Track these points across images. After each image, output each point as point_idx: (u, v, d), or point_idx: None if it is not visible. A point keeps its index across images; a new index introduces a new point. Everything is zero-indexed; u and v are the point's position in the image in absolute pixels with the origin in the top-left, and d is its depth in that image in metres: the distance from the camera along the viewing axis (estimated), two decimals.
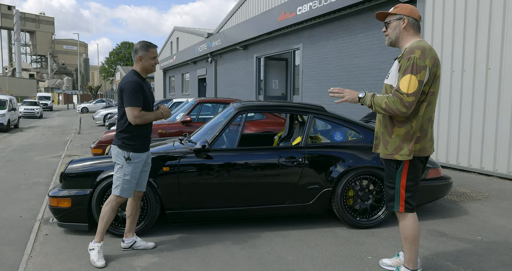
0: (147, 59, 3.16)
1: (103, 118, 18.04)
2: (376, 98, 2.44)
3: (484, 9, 6.16)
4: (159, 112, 3.22)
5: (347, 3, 8.80)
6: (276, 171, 3.82)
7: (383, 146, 2.59)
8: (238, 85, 16.29)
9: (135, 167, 3.13)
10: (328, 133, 4.11)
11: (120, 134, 3.14)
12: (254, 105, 4.09)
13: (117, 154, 3.15)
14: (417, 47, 2.37)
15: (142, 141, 3.17)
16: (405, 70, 2.34)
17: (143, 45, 3.16)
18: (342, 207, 3.87)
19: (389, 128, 2.53)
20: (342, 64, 9.77)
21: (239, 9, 16.27)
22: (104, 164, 3.75)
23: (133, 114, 3.03)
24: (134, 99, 3.02)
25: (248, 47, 15.06)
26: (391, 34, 2.55)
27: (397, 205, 2.59)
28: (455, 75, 6.68)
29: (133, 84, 3.05)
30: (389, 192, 2.64)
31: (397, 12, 2.50)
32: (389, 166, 2.61)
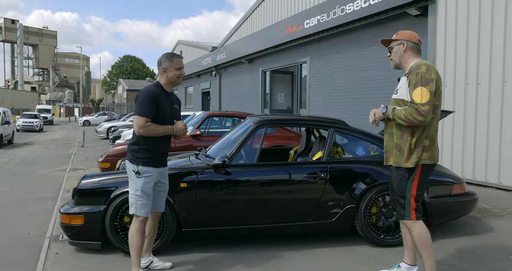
0: (172, 70, 3.01)
1: (106, 131, 17.93)
2: (396, 111, 2.67)
3: (499, 21, 6.10)
4: (169, 127, 2.98)
5: (356, 16, 8.78)
6: (297, 187, 3.68)
7: (398, 155, 2.73)
8: (243, 98, 16.23)
9: (146, 182, 2.93)
10: (349, 148, 3.98)
11: (130, 147, 3.01)
12: (274, 119, 3.97)
13: (129, 169, 3.00)
14: (422, 64, 2.66)
15: (153, 155, 2.97)
16: (415, 84, 2.58)
17: (167, 56, 3.04)
18: (365, 225, 3.71)
19: (404, 138, 2.70)
20: (351, 78, 9.70)
21: (244, 23, 16.33)
22: (118, 180, 3.60)
23: (137, 124, 2.86)
24: (143, 109, 2.86)
25: (254, 61, 15.05)
26: (394, 58, 2.84)
27: (408, 213, 2.73)
28: (469, 88, 6.58)
29: (147, 94, 2.91)
30: (400, 201, 2.78)
31: (398, 38, 2.82)
32: (401, 175, 2.74)
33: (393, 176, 2.82)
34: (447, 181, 3.95)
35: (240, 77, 16.47)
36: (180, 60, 3.08)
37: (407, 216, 2.73)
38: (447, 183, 3.94)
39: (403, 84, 2.71)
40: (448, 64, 6.91)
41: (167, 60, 3.01)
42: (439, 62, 7.06)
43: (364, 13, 8.51)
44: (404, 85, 2.70)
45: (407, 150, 2.67)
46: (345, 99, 9.98)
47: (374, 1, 8.13)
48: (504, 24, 6.04)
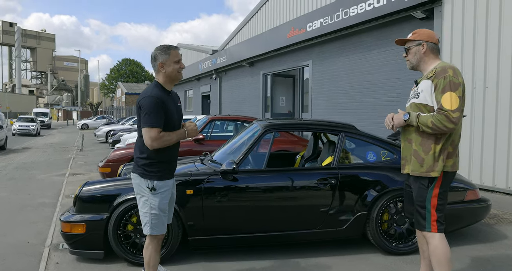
0: (170, 65, 2.64)
1: (105, 135, 17.77)
2: (421, 118, 2.50)
3: (507, 24, 6.01)
4: (181, 132, 2.69)
5: (360, 19, 8.70)
6: (307, 194, 3.56)
7: (418, 164, 2.57)
8: (243, 102, 16.13)
9: (163, 197, 2.67)
10: (360, 153, 3.87)
11: (139, 161, 2.68)
12: (282, 123, 3.85)
13: (139, 184, 2.68)
14: (447, 66, 2.50)
15: (167, 166, 2.71)
16: (444, 89, 2.43)
17: (162, 49, 2.66)
18: (377, 232, 3.59)
19: (426, 146, 2.53)
20: (355, 81, 9.61)
21: (245, 26, 16.26)
22: (122, 186, 3.48)
23: (150, 137, 2.54)
24: (153, 119, 2.54)
25: (255, 64, 14.95)
26: (412, 60, 2.68)
27: (428, 224, 2.56)
28: (476, 92, 6.49)
29: (152, 100, 2.56)
30: (420, 211, 2.61)
31: (415, 38, 2.63)
32: (420, 184, 2.59)
33: (411, 184, 2.66)
34: (460, 187, 3.84)
35: (241, 80, 16.38)
36: (178, 52, 2.71)
37: (427, 227, 2.55)
38: (459, 189, 3.82)
39: (425, 88, 2.52)
40: None
41: (163, 54, 2.64)
42: None
43: (368, 16, 8.42)
44: (427, 89, 2.51)
45: (431, 158, 2.50)
46: (348, 103, 9.88)
47: (378, 4, 8.05)
48: (510, 27, 5.95)
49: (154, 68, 2.73)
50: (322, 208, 3.55)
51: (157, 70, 2.70)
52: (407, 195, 2.81)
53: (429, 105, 2.52)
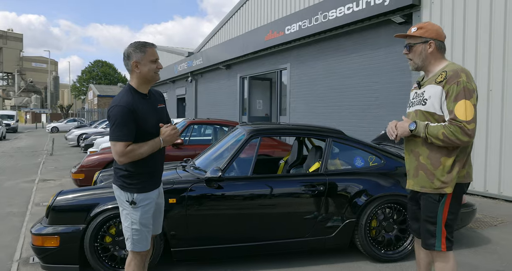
0: (146, 64, 2.33)
1: (77, 138, 17.15)
2: (431, 129, 2.20)
3: (484, 30, 6.13)
4: (155, 142, 2.36)
5: (338, 23, 8.71)
6: (295, 201, 3.44)
7: (428, 180, 2.29)
8: (220, 105, 15.94)
9: (144, 211, 2.43)
10: (348, 159, 3.79)
11: (118, 171, 2.42)
12: (269, 128, 3.73)
13: (119, 197, 2.46)
14: (460, 70, 2.20)
15: (148, 177, 2.44)
16: (457, 96, 2.15)
17: (137, 46, 2.34)
18: (366, 240, 3.52)
19: (435, 160, 2.26)
20: (332, 85, 9.62)
21: (222, 28, 16.10)
22: (99, 195, 3.27)
23: (116, 152, 2.25)
24: (119, 131, 2.25)
25: (231, 67, 14.81)
26: (416, 60, 2.34)
27: (439, 243, 2.27)
28: None
29: (118, 110, 2.25)
30: (428, 228, 2.30)
31: (422, 35, 2.29)
32: (429, 197, 2.31)
33: (421, 199, 2.37)
34: None
35: (217, 83, 16.19)
36: (155, 50, 2.40)
37: (437, 246, 2.25)
38: None
39: (434, 94, 2.22)
40: None
41: (139, 51, 2.33)
42: None
43: (347, 20, 8.44)
44: (436, 96, 2.21)
45: (442, 173, 2.23)
46: (326, 106, 9.88)
47: (358, 8, 8.08)
48: (489, 33, 6.06)
49: (127, 67, 2.41)
50: (311, 216, 3.45)
51: (130, 70, 2.39)
52: (411, 211, 2.54)
53: (438, 114, 2.22)
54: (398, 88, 7.75)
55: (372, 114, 8.44)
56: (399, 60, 7.68)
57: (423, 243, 2.37)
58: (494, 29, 6.00)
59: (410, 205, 2.57)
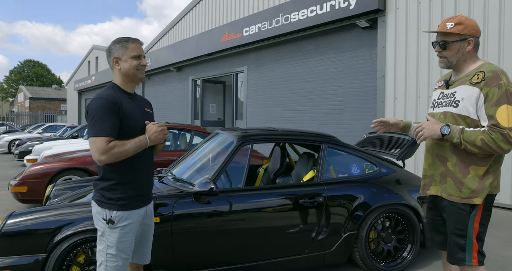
0: (127, 60, 2.09)
1: (7, 145, 15.47)
2: (467, 134, 1.99)
3: None
4: (140, 139, 2.05)
5: (301, 26, 8.56)
6: (294, 214, 3.10)
7: (456, 188, 2.10)
8: (170, 109, 15.23)
9: (123, 234, 2.04)
10: (344, 166, 3.52)
11: (97, 184, 2.10)
12: (260, 134, 3.35)
13: (95, 215, 2.09)
14: (499, 71, 2.02)
15: (133, 191, 2.08)
16: (499, 101, 1.95)
17: (119, 41, 2.12)
18: (366, 252, 3.27)
19: (463, 167, 2.08)
20: (293, 89, 9.46)
21: (173, 28, 15.40)
22: (64, 217, 2.68)
23: (96, 149, 1.94)
24: (99, 125, 1.96)
25: (183, 69, 14.20)
26: (452, 58, 2.14)
27: (469, 257, 2.09)
28: (420, 101, 6.65)
29: (100, 102, 1.98)
30: (458, 241, 2.11)
31: (461, 31, 2.09)
32: (459, 209, 2.11)
33: (446, 210, 2.17)
34: None
35: (168, 86, 15.46)
36: (139, 45, 2.15)
37: (468, 260, 2.08)
38: None
39: (469, 96, 2.03)
40: (398, 77, 6.94)
41: (119, 47, 2.10)
42: (389, 74, 7.07)
43: (310, 23, 8.32)
44: (471, 98, 2.02)
45: (472, 182, 2.06)
46: (286, 110, 9.69)
47: (322, 11, 7.98)
48: None
49: (109, 65, 2.19)
50: (310, 230, 3.12)
51: (112, 67, 2.17)
52: (431, 222, 2.35)
53: (471, 118, 2.03)
54: (362, 92, 7.74)
55: (335, 118, 8.37)
56: (364, 65, 7.67)
57: (451, 257, 2.16)
58: None
59: (430, 215, 2.36)
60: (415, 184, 3.67)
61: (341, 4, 7.55)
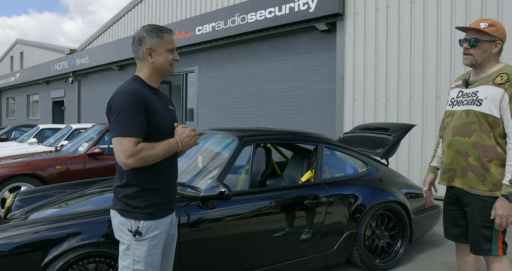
0: (162, 53, 1.88)
1: None
2: None
3: (405, 41, 6.63)
4: (171, 143, 1.85)
5: (258, 26, 8.55)
6: (300, 215, 3.05)
7: (479, 181, 2.21)
8: None
9: (151, 246, 1.85)
10: (340, 166, 3.54)
11: (119, 191, 1.86)
12: (261, 134, 3.25)
13: (118, 226, 1.87)
14: None
15: (161, 197, 1.89)
16: None
17: (153, 30, 1.88)
18: (364, 250, 3.32)
19: (485, 162, 2.19)
20: (249, 89, 9.42)
21: (115, 24, 14.55)
22: (54, 231, 2.35)
23: (123, 151, 1.72)
24: (127, 124, 1.74)
25: (126, 68, 13.49)
26: (478, 56, 2.24)
27: (495, 247, 2.21)
28: (379, 103, 6.97)
29: (126, 98, 1.76)
30: (484, 233, 2.22)
31: (493, 33, 2.21)
32: (485, 202, 2.22)
33: (471, 203, 2.26)
34: (422, 193, 3.88)
35: (108, 85, 14.58)
36: (173, 38, 1.95)
37: (494, 250, 2.19)
38: (422, 196, 3.86)
39: (492, 95, 2.14)
40: (357, 79, 7.21)
41: (154, 36, 1.87)
42: (348, 77, 7.32)
43: (267, 24, 8.34)
44: (495, 98, 2.13)
45: (494, 176, 2.17)
46: (242, 112, 9.62)
47: (280, 13, 8.04)
48: (409, 44, 6.57)
49: (136, 54, 1.94)
50: (314, 231, 3.09)
51: (141, 59, 1.91)
52: (450, 216, 2.44)
53: (493, 116, 2.14)
54: (321, 94, 7.93)
55: (293, 119, 8.48)
56: (322, 67, 7.87)
57: (476, 248, 2.27)
58: (414, 40, 6.53)
59: (449, 209, 2.46)
60: (401, 181, 3.81)
61: (301, 7, 7.67)
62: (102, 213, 2.48)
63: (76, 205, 2.95)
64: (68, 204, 3.00)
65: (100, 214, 2.47)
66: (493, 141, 2.17)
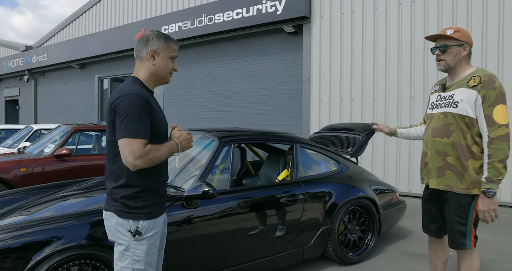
0: (165, 58, 1.94)
1: None
2: (493, 172, 2.23)
3: (369, 44, 6.94)
4: (172, 145, 1.90)
5: (225, 27, 8.61)
6: (279, 212, 3.16)
7: (457, 179, 2.38)
8: (71, 109, 13.89)
9: (150, 245, 1.89)
10: (314, 165, 3.69)
11: (116, 192, 1.87)
12: (241, 134, 3.33)
13: (115, 227, 1.88)
14: (493, 76, 2.32)
15: (158, 196, 1.93)
16: (494, 101, 2.24)
17: (162, 36, 1.95)
18: (338, 244, 3.50)
19: (463, 161, 2.34)
20: (215, 90, 9.46)
21: (75, 21, 14.03)
22: (37, 234, 2.32)
23: (132, 152, 1.74)
24: (136, 125, 1.76)
25: (87, 66, 13.09)
26: (450, 61, 2.41)
27: (469, 242, 2.39)
28: (344, 103, 7.25)
29: (134, 99, 1.77)
30: (460, 229, 2.40)
31: (459, 38, 2.39)
32: (461, 199, 2.40)
33: (447, 201, 2.42)
34: (388, 189, 4.12)
35: (67, 84, 14.08)
36: (176, 48, 2.03)
37: (468, 244, 2.36)
38: (389, 192, 4.10)
39: (467, 97, 2.29)
40: (323, 81, 7.46)
41: (162, 41, 1.93)
42: (315, 78, 7.55)
43: (235, 25, 8.42)
44: (469, 100, 2.28)
45: (471, 174, 2.32)
46: (208, 112, 9.65)
47: (248, 14, 8.15)
48: (373, 47, 6.90)
49: (139, 53, 1.96)
50: (293, 227, 3.22)
51: (143, 59, 1.94)
52: (428, 213, 2.62)
53: (470, 116, 2.29)
54: (287, 94, 8.12)
55: (260, 119, 8.62)
56: (289, 68, 8.06)
57: (453, 243, 2.43)
58: (377, 43, 6.85)
59: (427, 205, 2.62)
60: (370, 178, 4.03)
61: (268, 9, 7.82)
62: (83, 215, 2.47)
63: (50, 209, 2.89)
64: (43, 208, 2.94)
65: (80, 216, 2.46)
66: (470, 140, 2.31)
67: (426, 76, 6.36)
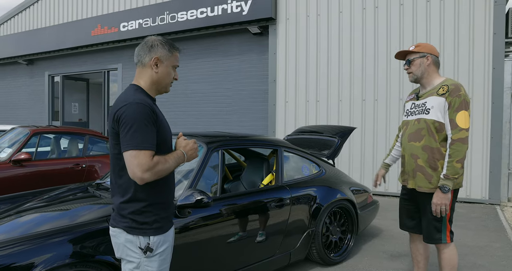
0: (168, 66, 1.88)
1: None
2: (451, 171, 2.45)
3: (334, 46, 7.12)
4: (179, 155, 1.82)
5: (188, 26, 8.45)
6: (267, 217, 3.17)
7: (426, 180, 2.61)
8: (18, 108, 12.98)
9: (162, 261, 1.82)
10: (297, 168, 3.74)
11: (124, 207, 1.79)
12: (228, 139, 3.29)
13: (124, 244, 1.80)
14: (459, 85, 2.56)
15: (166, 210, 1.87)
16: (458, 107, 2.49)
17: (167, 43, 1.89)
18: (322, 246, 3.58)
19: (432, 162, 2.58)
20: (177, 89, 9.27)
21: (22, 13, 13.03)
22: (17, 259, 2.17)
23: (140, 164, 1.66)
24: (143, 137, 1.68)
25: (36, 62, 12.29)
26: (416, 71, 2.67)
27: (444, 236, 2.64)
28: (309, 105, 7.40)
29: (140, 109, 1.69)
30: (435, 225, 2.63)
31: (419, 50, 2.67)
32: None
33: (422, 200, 2.65)
34: (364, 190, 4.27)
35: (12, 81, 13.13)
36: (179, 56, 1.99)
37: (443, 239, 2.60)
38: (364, 193, 4.25)
39: (437, 105, 2.54)
40: (289, 82, 7.56)
41: (167, 49, 1.88)
42: (280, 79, 7.64)
43: (199, 24, 8.29)
44: (439, 107, 2.53)
45: (438, 174, 2.54)
46: (170, 112, 9.43)
47: (212, 14, 8.05)
48: (338, 49, 7.09)
49: (141, 59, 1.88)
50: (280, 231, 3.25)
51: (145, 65, 1.87)
52: (405, 211, 2.83)
53: (438, 121, 2.53)
54: (252, 95, 8.14)
55: (224, 119, 8.58)
56: (254, 69, 8.07)
57: (429, 238, 2.65)
58: (342, 45, 7.06)
59: (404, 204, 2.85)
60: (346, 180, 4.15)
61: (234, 9, 7.78)
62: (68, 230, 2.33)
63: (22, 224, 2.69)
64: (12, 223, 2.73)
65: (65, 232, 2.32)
66: (439, 143, 2.56)
67: (388, 79, 6.66)
